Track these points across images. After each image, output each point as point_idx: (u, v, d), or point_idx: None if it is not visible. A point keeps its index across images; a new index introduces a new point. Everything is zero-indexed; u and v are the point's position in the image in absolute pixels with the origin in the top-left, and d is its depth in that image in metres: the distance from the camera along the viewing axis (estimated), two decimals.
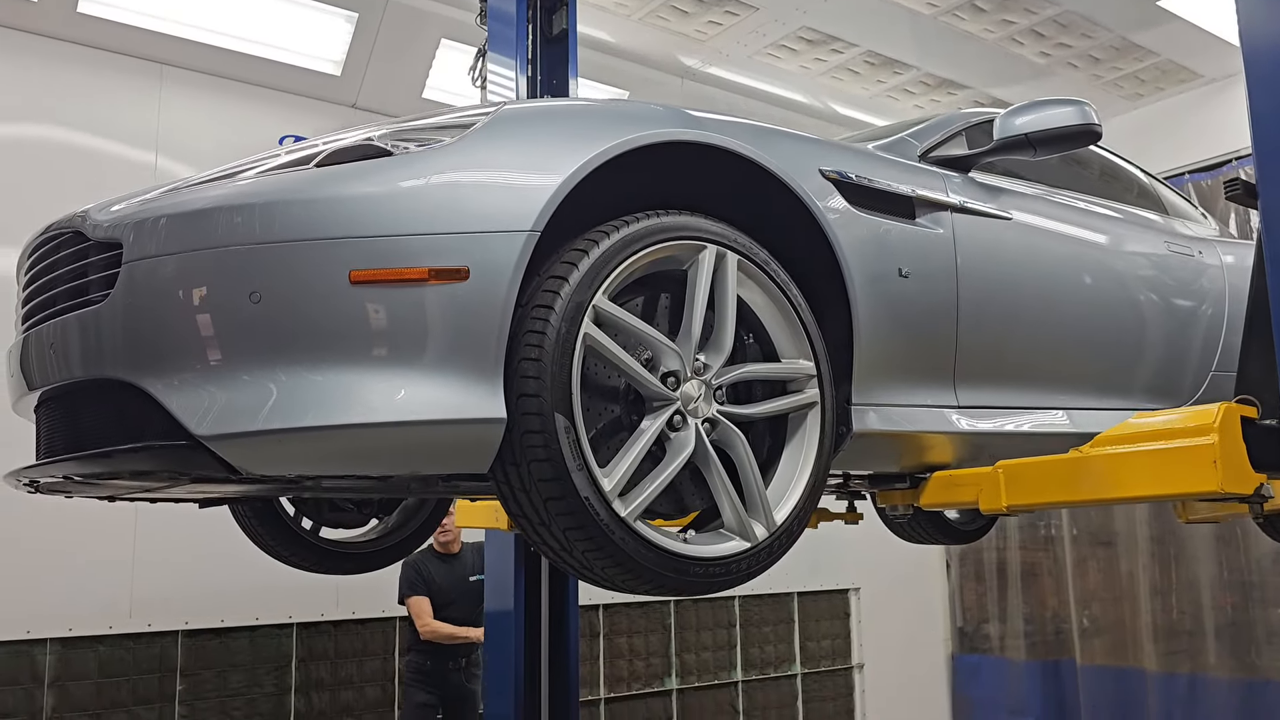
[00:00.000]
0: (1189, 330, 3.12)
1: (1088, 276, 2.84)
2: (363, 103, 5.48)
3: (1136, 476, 2.19)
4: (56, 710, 4.36)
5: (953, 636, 7.23)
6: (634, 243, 1.90)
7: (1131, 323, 2.95)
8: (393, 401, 1.68)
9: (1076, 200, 3.04)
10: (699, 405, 1.96)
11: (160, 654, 4.67)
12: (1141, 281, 3.02)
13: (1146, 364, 3.00)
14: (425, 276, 1.70)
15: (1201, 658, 5.70)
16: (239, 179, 1.82)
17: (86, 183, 4.59)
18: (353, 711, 5.07)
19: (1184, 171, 6.24)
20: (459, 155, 1.81)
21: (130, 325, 1.73)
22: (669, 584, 1.89)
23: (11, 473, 2.06)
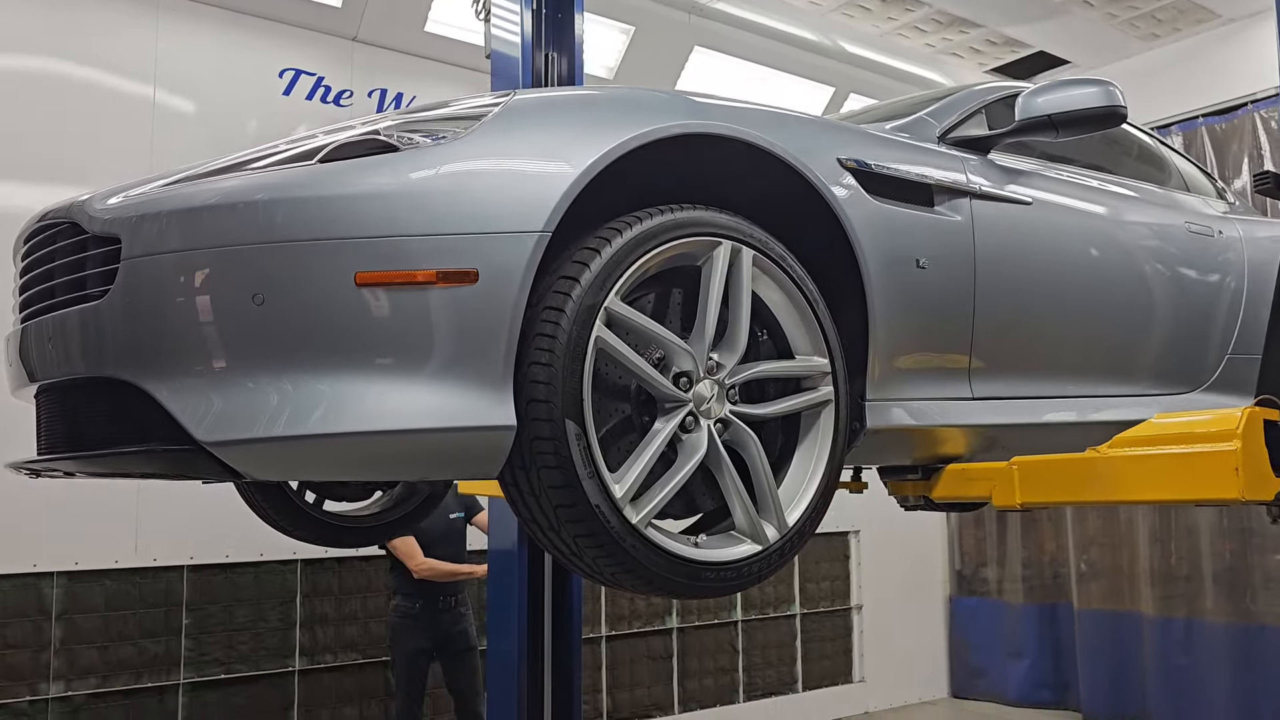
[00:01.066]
0: (1207, 315, 3.07)
1: (1106, 263, 2.78)
2: (363, 36, 5.38)
3: (1154, 480, 2.16)
4: (64, 643, 4.42)
5: (951, 579, 7.30)
6: (647, 241, 1.84)
7: (1149, 310, 2.90)
8: (399, 408, 1.64)
9: (1096, 181, 2.97)
10: (712, 406, 1.93)
11: (166, 589, 4.72)
12: (1160, 267, 2.95)
13: (1162, 350, 2.96)
14: (433, 279, 1.65)
15: (1198, 603, 5.75)
16: (241, 173, 1.75)
17: (82, 116, 4.53)
18: (357, 646, 5.13)
19: (1198, 115, 6.15)
20: (467, 151, 1.75)
21: (130, 325, 1.69)
22: (680, 589, 1.87)
23: (12, 464, 2.03)
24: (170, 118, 4.75)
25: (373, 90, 5.28)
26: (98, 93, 4.64)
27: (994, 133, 2.63)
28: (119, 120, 4.63)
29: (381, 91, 5.30)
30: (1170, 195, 3.27)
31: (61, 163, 4.39)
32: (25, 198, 4.27)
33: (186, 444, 1.63)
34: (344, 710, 4.99)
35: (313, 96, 5.12)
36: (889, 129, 2.55)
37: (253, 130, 4.87)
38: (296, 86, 5.08)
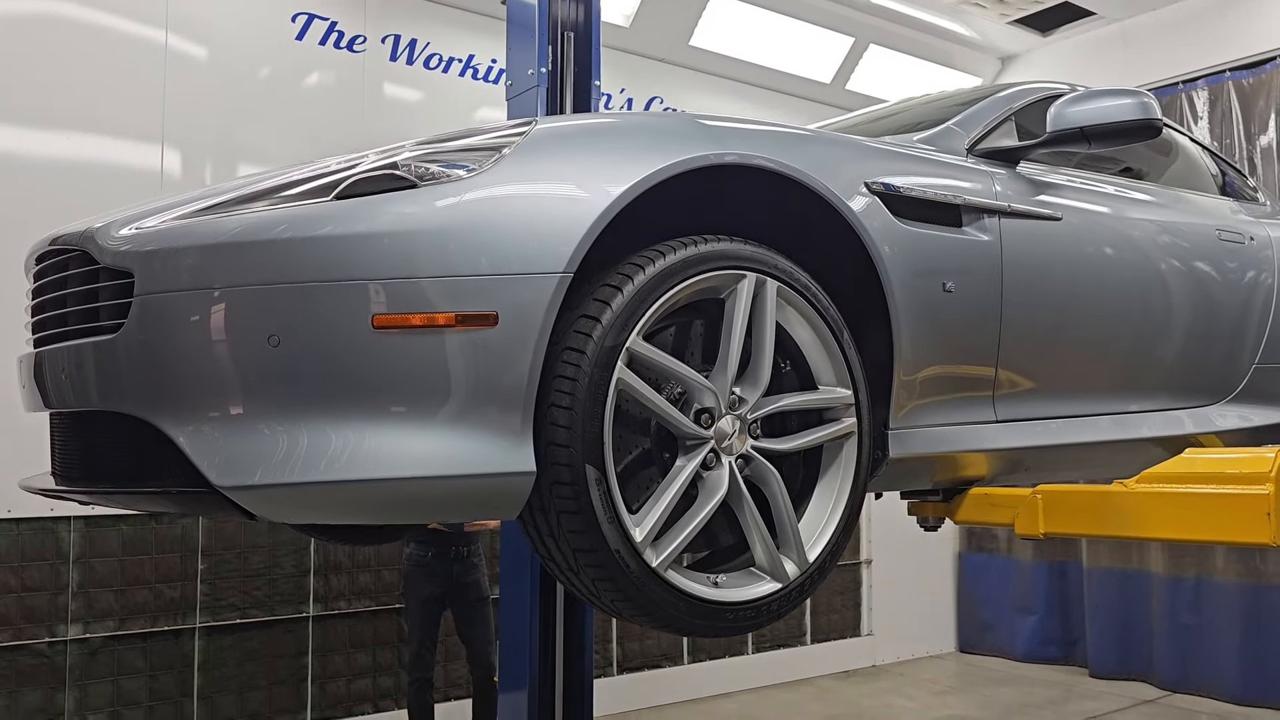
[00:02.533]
0: (1236, 325, 3.01)
1: (1134, 279, 2.72)
2: None
3: (1182, 519, 2.12)
4: (82, 586, 4.47)
5: (961, 536, 7.31)
6: (670, 277, 1.80)
7: (1177, 325, 2.84)
8: (416, 454, 1.61)
9: (1125, 191, 2.89)
10: (733, 442, 1.90)
11: (182, 534, 4.76)
12: (1189, 280, 2.88)
13: (1189, 364, 2.90)
14: (452, 322, 1.62)
15: (1208, 562, 5.74)
16: (256, 207, 1.69)
17: (93, 61, 4.49)
18: (370, 593, 5.18)
19: (1225, 69, 6.03)
20: (486, 189, 1.69)
21: (144, 362, 1.66)
22: (699, 630, 1.86)
23: (28, 486, 2.01)
24: (182, 63, 4.70)
25: (386, 36, 5.21)
26: (109, 37, 4.59)
27: (1024, 144, 2.55)
28: (131, 66, 4.58)
29: (395, 37, 5.23)
30: (1201, 202, 3.19)
31: (72, 110, 4.36)
32: (34, 145, 4.23)
33: (202, 486, 1.60)
34: (357, 656, 5.05)
35: (325, 41, 5.05)
36: (916, 140, 2.48)
37: (265, 77, 4.83)
38: (310, 31, 5.02)
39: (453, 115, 5.22)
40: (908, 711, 5.49)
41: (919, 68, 6.73)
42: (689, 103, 6.05)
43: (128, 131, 4.39)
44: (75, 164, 4.26)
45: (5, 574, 4.02)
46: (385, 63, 5.09)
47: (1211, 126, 6.05)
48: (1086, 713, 5.47)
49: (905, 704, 5.66)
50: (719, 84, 6.23)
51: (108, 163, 4.33)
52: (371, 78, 5.03)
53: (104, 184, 4.30)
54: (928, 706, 5.61)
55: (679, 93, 6.04)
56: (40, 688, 4.03)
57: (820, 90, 6.55)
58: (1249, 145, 5.89)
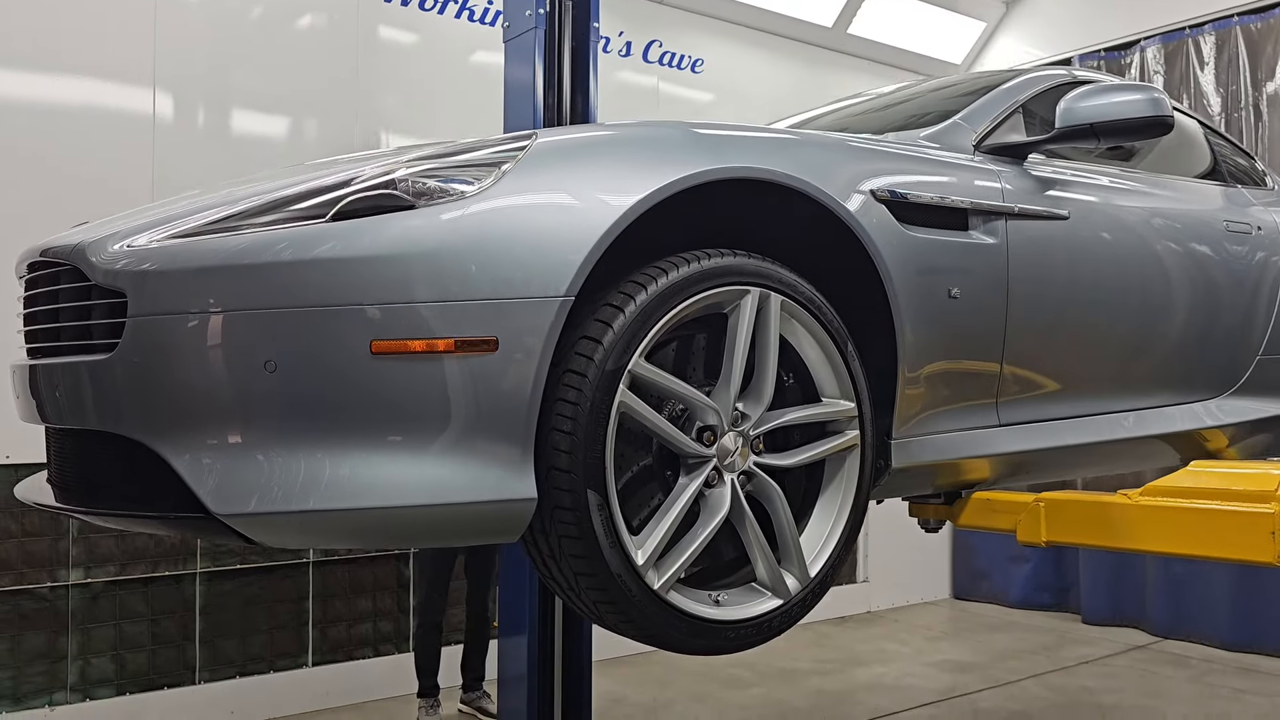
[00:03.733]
0: (1243, 319, 2.99)
1: (1141, 276, 2.69)
2: None
3: (1185, 534, 2.11)
4: (82, 531, 4.49)
5: None
6: (672, 296, 1.77)
7: (1183, 321, 2.81)
8: (415, 483, 1.59)
9: (1133, 182, 2.84)
10: (735, 460, 1.88)
11: None
12: (1197, 275, 2.85)
13: (1194, 360, 2.87)
14: (451, 348, 1.59)
15: None
16: (251, 224, 1.64)
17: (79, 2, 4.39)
18: None
19: (1233, 13, 5.93)
20: (485, 210, 1.65)
21: (140, 386, 1.63)
22: (701, 649, 1.86)
23: (26, 497, 1.98)
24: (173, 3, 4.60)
25: None
26: None
27: (1032, 140, 2.51)
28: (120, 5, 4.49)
29: None
30: (1208, 191, 3.14)
31: (61, 52, 4.27)
32: (20, 88, 4.13)
33: (199, 512, 1.59)
34: (358, 601, 5.09)
35: None
36: (923, 138, 2.43)
37: (257, 17, 4.73)
38: None
39: (448, 58, 5.14)
40: (901, 656, 5.56)
41: (922, 11, 6.63)
42: (688, 45, 5.96)
43: (118, 74, 4.31)
44: (64, 108, 4.19)
45: (6, 519, 4.03)
46: (379, 4, 5.00)
47: (1218, 73, 5.96)
48: (1079, 658, 5.54)
49: (899, 649, 5.73)
50: (719, 27, 6.13)
51: (98, 106, 4.26)
52: (365, 19, 4.94)
53: (94, 128, 4.24)
54: (921, 652, 5.68)
55: (678, 35, 5.94)
56: (43, 632, 4.06)
57: (821, 35, 6.46)
58: (1255, 92, 5.82)
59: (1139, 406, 2.71)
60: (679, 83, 5.90)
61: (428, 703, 4.44)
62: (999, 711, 4.56)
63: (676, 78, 5.89)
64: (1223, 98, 5.91)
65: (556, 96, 3.71)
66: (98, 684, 4.16)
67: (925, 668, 5.33)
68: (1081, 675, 5.19)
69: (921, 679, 5.13)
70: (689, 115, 5.92)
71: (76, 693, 4.11)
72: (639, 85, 5.74)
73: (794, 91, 6.35)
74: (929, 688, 4.98)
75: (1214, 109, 5.94)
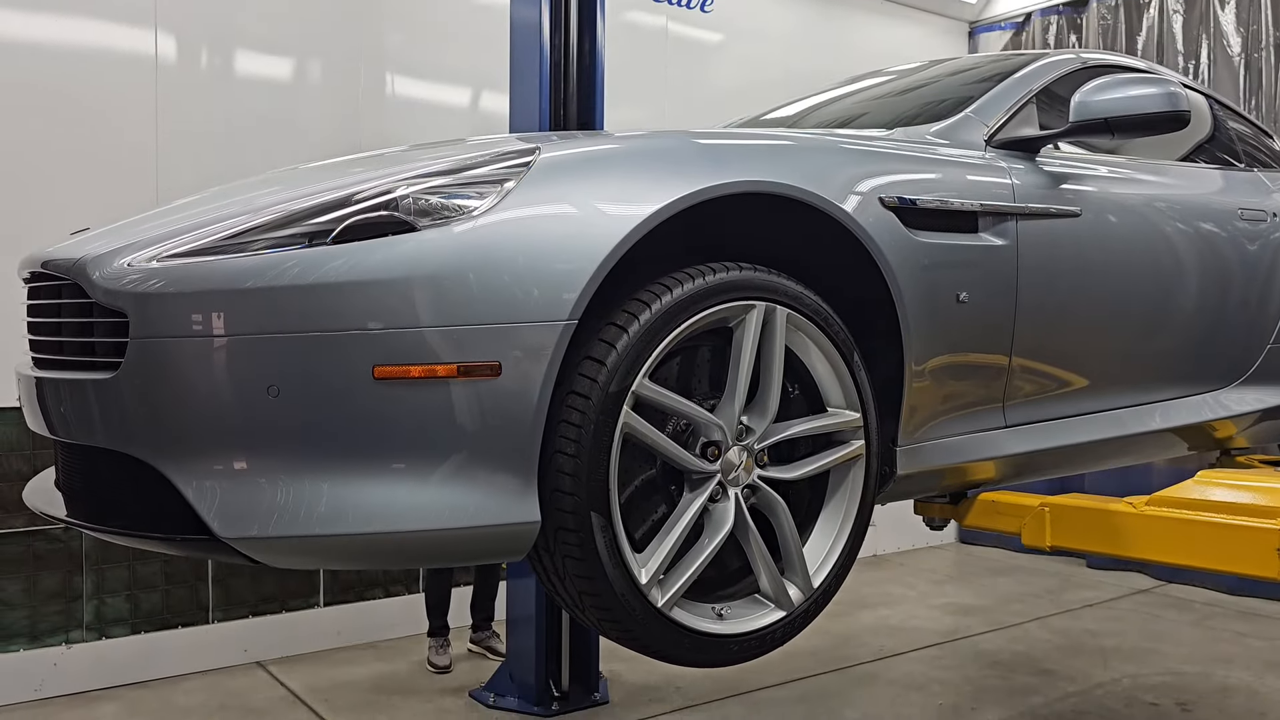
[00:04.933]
0: (1255, 309, 2.95)
1: (1154, 271, 2.64)
2: None
3: (1189, 546, 2.10)
4: None
5: None
6: (677, 314, 1.75)
7: (1195, 314, 2.77)
8: (420, 508, 1.59)
9: (1146, 172, 2.78)
10: (739, 474, 1.87)
11: None
12: (1210, 265, 2.81)
13: (1204, 352, 2.84)
14: (454, 373, 1.58)
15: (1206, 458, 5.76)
16: (249, 246, 1.62)
17: None
18: None
19: None
20: (488, 231, 1.62)
21: (144, 407, 1.62)
22: (703, 662, 1.87)
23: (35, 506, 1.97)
24: None
25: None
26: None
27: (1045, 134, 2.46)
28: None
29: None
30: (1223, 177, 3.08)
31: None
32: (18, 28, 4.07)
33: (205, 535, 1.59)
34: None
35: None
36: (933, 133, 2.38)
37: None
38: None
39: None
40: (907, 599, 5.62)
41: None
42: None
43: (121, 14, 4.25)
44: (66, 48, 4.13)
45: (18, 461, 4.07)
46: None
47: (1239, 12, 5.85)
48: (1083, 601, 5.59)
49: (905, 592, 5.79)
50: None
51: (100, 47, 4.20)
52: None
53: (97, 69, 4.18)
54: (926, 595, 5.74)
55: None
56: (58, 572, 4.12)
57: None
58: (1277, 31, 5.71)
59: (1148, 401, 2.69)
60: (688, 22, 5.80)
61: (437, 642, 4.51)
62: (1002, 653, 4.62)
63: (685, 17, 5.79)
64: (1243, 38, 5.80)
65: (564, 37, 3.67)
66: (112, 623, 4.23)
67: (930, 610, 5.39)
68: (1085, 618, 5.25)
69: (926, 621, 5.18)
70: (698, 57, 5.83)
71: (92, 631, 4.18)
72: (647, 25, 5.65)
73: (803, 30, 6.24)
74: (933, 629, 5.04)
75: (1234, 50, 5.83)
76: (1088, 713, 3.71)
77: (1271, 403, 3.02)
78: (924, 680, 4.09)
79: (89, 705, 3.82)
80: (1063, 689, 4.02)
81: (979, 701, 3.81)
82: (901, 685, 4.01)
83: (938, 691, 3.91)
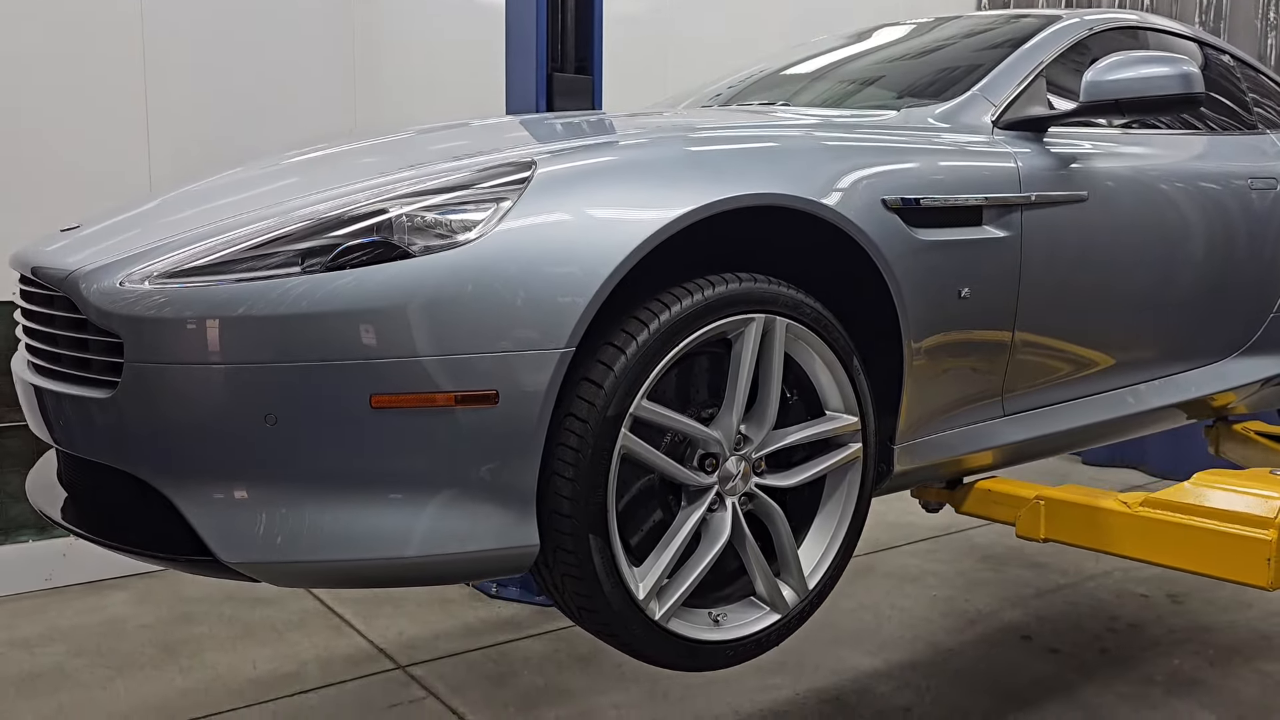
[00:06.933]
0: (1259, 282, 2.90)
1: (1160, 251, 2.58)
2: None
3: (1180, 550, 2.10)
4: None
5: None
6: (675, 334, 1.73)
7: (1199, 291, 2.72)
8: (419, 534, 1.60)
9: (1154, 149, 2.68)
10: (737, 483, 1.88)
11: None
12: (1218, 241, 2.74)
13: (1207, 328, 2.81)
14: (451, 402, 1.57)
15: None
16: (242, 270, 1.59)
17: None
18: None
19: None
20: (484, 255, 1.59)
21: (143, 430, 1.62)
22: (699, 667, 1.90)
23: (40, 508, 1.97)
24: None
25: None
26: None
27: (1053, 114, 2.40)
28: None
29: None
30: (1233, 144, 2.98)
31: None
32: None
33: (209, 556, 1.61)
34: None
35: None
36: (936, 118, 2.31)
37: None
38: None
39: None
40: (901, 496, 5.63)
41: None
42: None
43: None
44: None
45: None
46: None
47: None
48: None
49: None
50: None
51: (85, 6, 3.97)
52: None
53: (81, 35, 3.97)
54: None
55: None
56: None
57: None
58: None
59: (1149, 379, 2.68)
60: None
61: None
62: (995, 547, 4.74)
63: None
64: None
65: None
66: None
67: None
68: None
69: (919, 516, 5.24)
70: None
71: None
72: None
73: None
74: (927, 524, 5.12)
75: None
76: (1078, 603, 3.81)
77: (1273, 371, 3.03)
78: (918, 573, 4.19)
79: (100, 593, 3.84)
80: (1054, 581, 4.08)
81: (972, 593, 3.92)
82: (897, 578, 4.10)
83: (932, 584, 4.02)
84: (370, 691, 2.95)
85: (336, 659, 3.14)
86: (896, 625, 3.48)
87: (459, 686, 2.97)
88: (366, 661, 3.14)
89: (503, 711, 2.82)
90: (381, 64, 4.60)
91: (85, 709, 2.86)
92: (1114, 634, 3.38)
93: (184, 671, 3.09)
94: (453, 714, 2.81)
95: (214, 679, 3.03)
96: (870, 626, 3.44)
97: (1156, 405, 2.68)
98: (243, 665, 3.12)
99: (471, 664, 3.14)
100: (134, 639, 3.34)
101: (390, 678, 3.04)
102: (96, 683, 3.02)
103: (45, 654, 3.25)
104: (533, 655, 3.20)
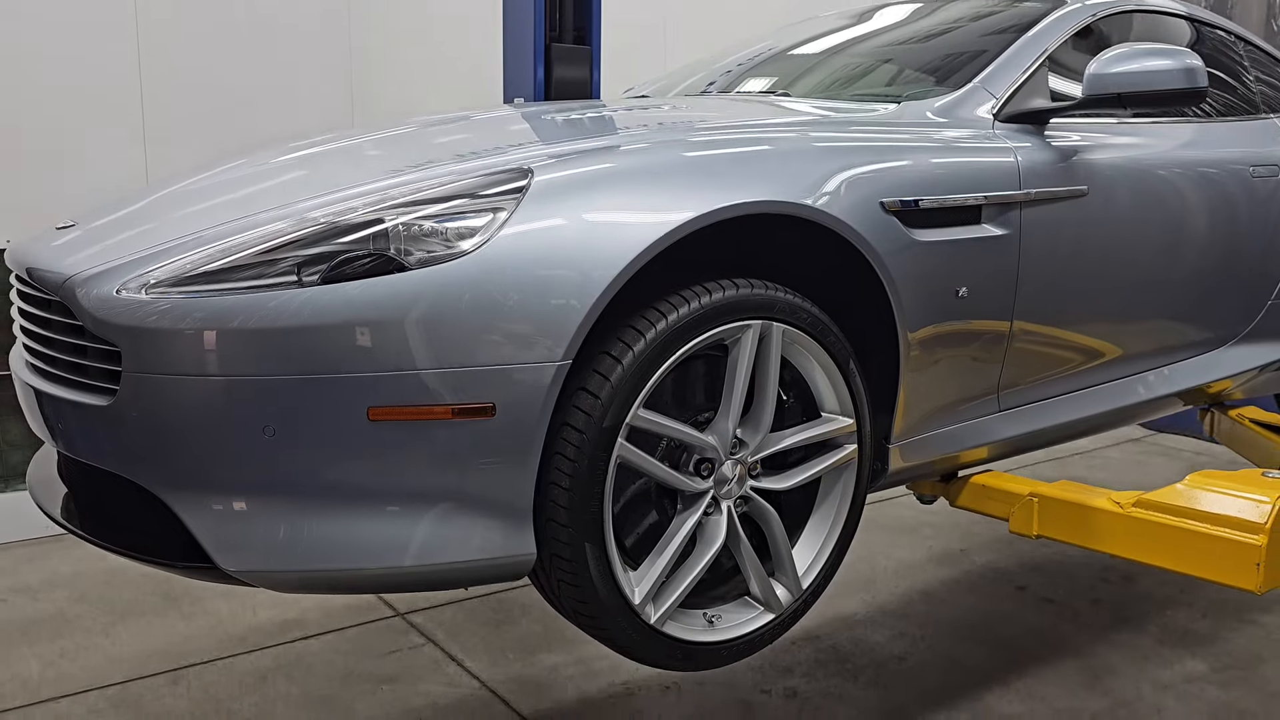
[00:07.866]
0: (1259, 270, 2.89)
1: (1160, 244, 2.57)
2: None
3: (1171, 551, 2.11)
4: None
5: None
6: (672, 343, 1.73)
7: (1200, 282, 2.71)
8: (416, 544, 1.62)
9: (1155, 139, 2.65)
10: (732, 487, 1.89)
11: None
12: (1219, 232, 2.73)
13: (1205, 317, 2.80)
14: (448, 415, 1.57)
15: None
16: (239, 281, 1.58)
17: None
18: None
19: None
20: (481, 267, 1.58)
21: (142, 439, 1.62)
22: (694, 667, 1.92)
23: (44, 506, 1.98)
24: None
25: None
26: None
27: (1054, 106, 2.37)
28: None
29: None
30: (1234, 131, 2.94)
31: None
32: None
33: (209, 563, 1.63)
34: None
35: None
36: (935, 111, 2.28)
37: None
38: None
39: None
40: None
41: None
42: None
43: None
44: None
45: None
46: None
47: None
48: (1072, 449, 5.71)
49: None
50: None
51: None
52: None
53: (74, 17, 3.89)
54: None
55: None
56: None
57: None
58: None
59: (1146, 369, 2.69)
60: None
61: None
62: None
63: None
64: None
65: None
66: None
67: None
68: (1073, 465, 5.38)
69: None
70: None
71: None
72: None
73: None
74: None
75: None
76: (1072, 555, 3.78)
77: (1270, 358, 3.04)
78: (915, 524, 4.19)
79: None
80: None
81: (968, 544, 3.95)
82: (894, 529, 4.10)
83: (928, 535, 4.03)
84: (370, 638, 2.98)
85: (336, 606, 3.17)
86: (892, 576, 3.51)
87: (457, 633, 3.00)
88: (366, 609, 3.17)
89: (500, 658, 2.85)
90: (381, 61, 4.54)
91: (87, 653, 2.90)
92: (1107, 585, 3.41)
93: (186, 618, 3.12)
94: (451, 660, 2.84)
95: (215, 625, 3.07)
96: (866, 576, 3.47)
97: (1152, 395, 2.69)
98: (244, 612, 3.15)
99: (470, 611, 3.16)
100: (136, 586, 3.36)
101: (389, 624, 3.07)
102: (99, 628, 3.06)
103: (48, 600, 3.28)
104: (531, 603, 3.20)
